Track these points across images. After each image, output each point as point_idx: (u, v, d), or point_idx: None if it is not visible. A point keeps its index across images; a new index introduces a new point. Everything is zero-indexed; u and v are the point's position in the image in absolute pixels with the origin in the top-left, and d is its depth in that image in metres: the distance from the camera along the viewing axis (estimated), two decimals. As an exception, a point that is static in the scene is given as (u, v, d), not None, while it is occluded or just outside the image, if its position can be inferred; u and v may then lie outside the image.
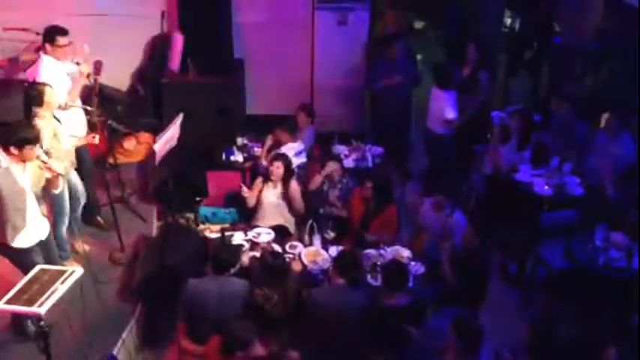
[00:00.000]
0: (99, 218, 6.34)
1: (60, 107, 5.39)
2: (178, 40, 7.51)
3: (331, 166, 6.24)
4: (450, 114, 7.11)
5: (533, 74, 9.46)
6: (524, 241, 6.23)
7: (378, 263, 5.35)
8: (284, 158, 6.06)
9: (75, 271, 4.20)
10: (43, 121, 5.11)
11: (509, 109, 7.20)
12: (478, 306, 5.24)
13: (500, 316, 5.80)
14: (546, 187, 6.31)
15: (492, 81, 8.27)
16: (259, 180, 6.12)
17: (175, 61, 7.52)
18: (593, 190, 6.26)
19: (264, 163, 6.42)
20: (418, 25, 11.11)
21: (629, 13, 6.94)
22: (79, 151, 5.72)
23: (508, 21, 9.43)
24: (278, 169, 5.97)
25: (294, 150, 6.38)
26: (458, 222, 5.59)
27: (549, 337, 4.92)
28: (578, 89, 7.62)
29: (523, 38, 9.42)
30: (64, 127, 5.36)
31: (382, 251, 5.54)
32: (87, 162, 6.04)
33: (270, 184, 6.04)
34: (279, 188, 6.05)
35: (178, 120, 6.21)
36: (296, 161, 6.34)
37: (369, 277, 5.30)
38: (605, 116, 7.20)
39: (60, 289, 4.02)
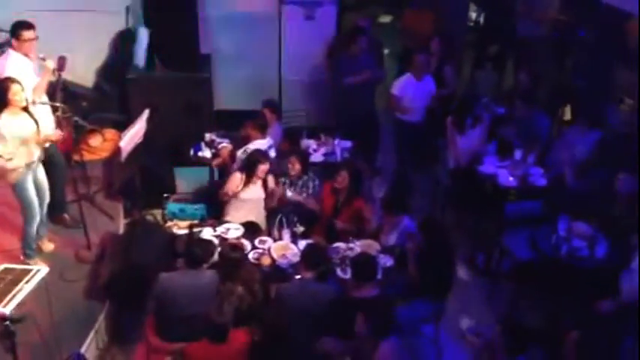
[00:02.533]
0: (65, 215, 6.27)
1: (26, 103, 5.32)
2: (144, 35, 7.44)
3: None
4: (417, 101, 7.18)
5: (498, 68, 9.60)
6: (491, 232, 6.33)
7: (348, 256, 5.39)
8: (270, 158, 6.07)
9: (40, 270, 4.16)
10: (8, 116, 5.06)
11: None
12: (445, 297, 5.31)
13: (469, 306, 5.91)
14: (511, 179, 6.42)
15: (458, 75, 8.37)
16: (240, 176, 6.07)
17: (141, 57, 7.44)
18: (556, 181, 6.38)
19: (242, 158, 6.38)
20: (385, 19, 11.17)
21: (587, 4, 7.07)
22: (49, 148, 5.66)
23: (473, 15, 9.55)
24: (266, 168, 5.97)
25: (262, 146, 6.37)
26: (404, 228, 5.63)
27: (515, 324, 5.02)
28: (540, 82, 7.74)
29: (488, 32, 9.55)
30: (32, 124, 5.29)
31: (352, 244, 5.57)
32: (56, 158, 5.97)
33: (252, 181, 6.03)
34: (259, 184, 6.06)
35: (144, 116, 6.15)
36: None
37: (338, 270, 5.33)
38: (569, 108, 7.36)
39: (25, 288, 3.99)
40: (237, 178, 6.06)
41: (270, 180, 6.09)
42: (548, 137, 7.05)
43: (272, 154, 6.57)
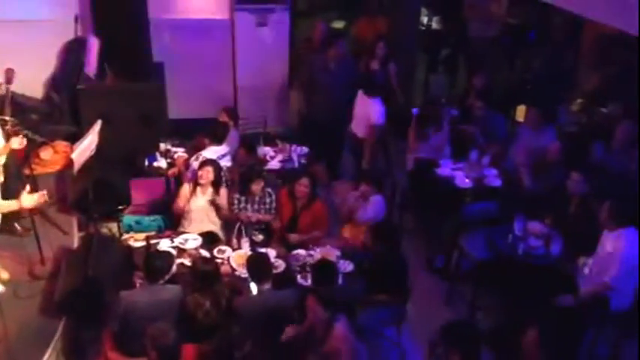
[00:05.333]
0: (16, 225, 6.10)
1: None
2: (94, 44, 7.31)
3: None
4: (375, 120, 7.21)
5: (450, 71, 9.75)
6: (449, 234, 6.40)
7: (308, 263, 5.38)
8: (213, 163, 6.00)
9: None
10: None
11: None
12: (405, 300, 5.34)
13: (429, 309, 5.95)
14: (467, 180, 6.50)
15: (412, 79, 8.47)
16: (186, 186, 6.03)
17: (92, 66, 7.31)
18: (511, 182, 6.49)
19: (194, 167, 6.30)
20: (338, 24, 11.22)
21: (534, 6, 7.23)
22: (7, 159, 5.50)
23: (425, 20, 9.67)
24: (208, 173, 5.91)
25: (216, 153, 6.32)
26: (378, 202, 5.75)
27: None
28: (492, 83, 7.90)
29: (440, 36, 9.69)
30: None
31: (312, 251, 5.57)
32: (12, 169, 5.81)
33: (199, 189, 5.97)
34: (209, 193, 5.99)
35: (96, 127, 6.04)
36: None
37: (299, 277, 5.32)
38: (521, 108, 7.51)
39: (-24, 308, 3.86)
40: (185, 189, 6.01)
41: (223, 190, 6.04)
42: (503, 137, 7.18)
43: (228, 161, 6.53)
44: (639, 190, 5.56)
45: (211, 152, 6.34)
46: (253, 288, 4.90)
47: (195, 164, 6.23)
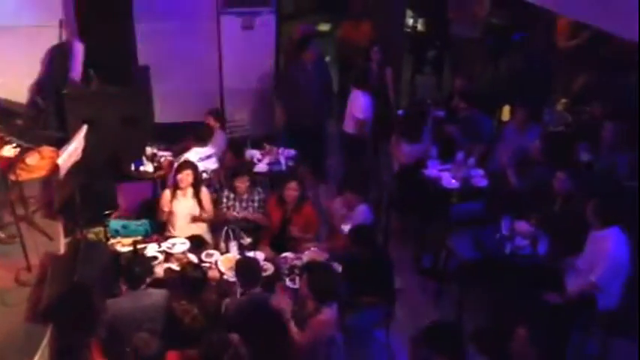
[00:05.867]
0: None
1: None
2: (79, 49, 7.27)
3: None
4: (360, 114, 7.22)
5: (436, 72, 9.78)
6: (436, 234, 6.41)
7: (296, 266, 5.37)
8: (191, 165, 5.99)
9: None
10: None
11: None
12: (391, 301, 5.35)
13: (417, 309, 5.96)
14: (453, 181, 6.53)
15: (398, 80, 8.50)
16: (167, 191, 6.02)
17: (77, 71, 7.27)
18: (497, 182, 6.52)
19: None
20: (324, 27, 11.24)
21: (518, 7, 7.28)
22: None
23: (410, 22, 9.71)
24: (187, 176, 5.90)
25: (199, 155, 6.30)
26: (362, 212, 5.71)
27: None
28: (477, 84, 7.94)
29: (425, 37, 9.73)
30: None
31: (300, 254, 5.57)
32: None
33: (179, 192, 5.95)
34: (190, 196, 5.97)
35: (82, 132, 6.01)
36: (200, 166, 6.26)
37: (287, 280, 5.31)
38: (507, 108, 7.54)
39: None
40: (166, 192, 6.01)
41: (205, 192, 6.03)
42: (490, 137, 7.22)
43: (213, 163, 6.52)
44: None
45: (195, 154, 6.32)
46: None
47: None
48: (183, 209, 5.97)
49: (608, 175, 6.18)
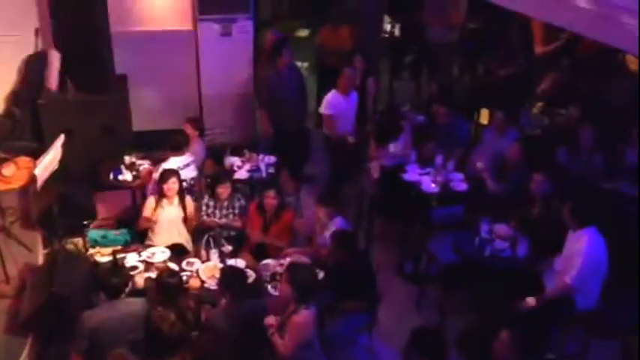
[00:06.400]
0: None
1: None
2: (55, 58, 7.21)
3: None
4: (323, 107, 7.32)
5: (414, 77, 9.83)
6: (417, 239, 6.44)
7: (278, 272, 5.36)
8: (176, 173, 5.97)
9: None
10: None
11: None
12: (374, 307, 5.36)
13: (400, 314, 5.98)
14: (433, 185, 6.55)
15: (378, 86, 8.53)
16: (152, 199, 5.98)
17: (53, 80, 7.20)
18: (476, 185, 6.57)
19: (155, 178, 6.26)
20: (303, 33, 11.26)
21: (495, 11, 7.34)
22: None
23: (388, 27, 9.76)
24: (174, 184, 5.88)
25: (177, 163, 6.28)
26: (338, 225, 5.70)
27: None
28: (454, 88, 8.00)
29: (402, 42, 9.78)
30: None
31: (282, 260, 5.56)
32: None
33: (165, 201, 5.92)
34: (176, 204, 5.94)
35: (59, 141, 5.95)
36: (181, 175, 6.24)
37: (269, 286, 5.31)
38: (485, 112, 7.61)
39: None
40: (150, 201, 5.97)
41: (189, 200, 6.01)
42: (468, 141, 7.26)
43: (193, 171, 6.50)
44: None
45: (173, 163, 6.30)
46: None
47: (156, 176, 6.19)
48: (168, 217, 5.94)
49: (585, 177, 6.26)
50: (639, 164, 6.21)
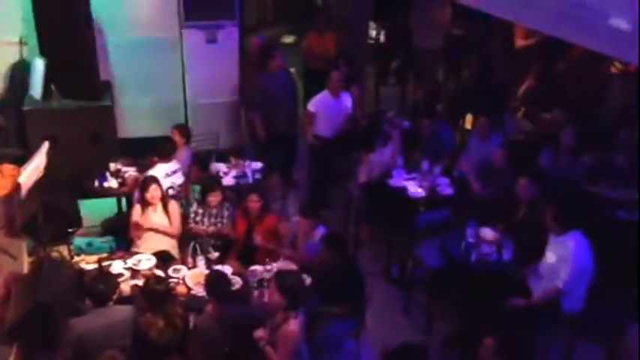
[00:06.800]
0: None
1: None
2: (39, 65, 7.17)
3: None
4: (311, 106, 7.39)
5: (400, 82, 9.88)
6: (403, 243, 6.46)
7: (265, 278, 5.35)
8: (156, 180, 5.98)
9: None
10: None
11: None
12: (362, 312, 5.36)
13: (387, 319, 5.99)
14: (419, 190, 6.59)
15: (363, 92, 8.56)
16: (138, 207, 5.97)
17: (37, 88, 7.16)
18: (462, 189, 6.60)
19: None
20: (288, 39, 11.30)
21: (479, 19, 7.41)
22: None
23: (373, 33, 9.81)
24: (156, 191, 5.87)
25: (164, 171, 6.27)
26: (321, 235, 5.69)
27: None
28: (439, 93, 8.05)
29: (388, 48, 9.83)
30: None
31: (268, 266, 5.55)
32: None
33: (150, 208, 5.91)
34: (160, 210, 5.93)
35: (44, 149, 5.92)
36: (167, 182, 6.23)
37: (256, 293, 5.29)
38: (469, 117, 7.66)
39: None
40: (137, 209, 5.96)
41: (173, 204, 6.00)
42: (453, 147, 7.30)
43: (179, 178, 6.48)
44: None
45: (160, 170, 6.28)
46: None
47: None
48: (153, 224, 5.93)
49: (568, 181, 6.30)
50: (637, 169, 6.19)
